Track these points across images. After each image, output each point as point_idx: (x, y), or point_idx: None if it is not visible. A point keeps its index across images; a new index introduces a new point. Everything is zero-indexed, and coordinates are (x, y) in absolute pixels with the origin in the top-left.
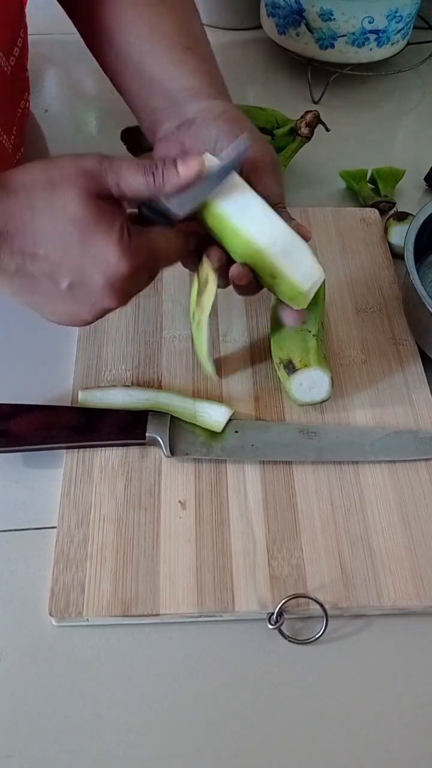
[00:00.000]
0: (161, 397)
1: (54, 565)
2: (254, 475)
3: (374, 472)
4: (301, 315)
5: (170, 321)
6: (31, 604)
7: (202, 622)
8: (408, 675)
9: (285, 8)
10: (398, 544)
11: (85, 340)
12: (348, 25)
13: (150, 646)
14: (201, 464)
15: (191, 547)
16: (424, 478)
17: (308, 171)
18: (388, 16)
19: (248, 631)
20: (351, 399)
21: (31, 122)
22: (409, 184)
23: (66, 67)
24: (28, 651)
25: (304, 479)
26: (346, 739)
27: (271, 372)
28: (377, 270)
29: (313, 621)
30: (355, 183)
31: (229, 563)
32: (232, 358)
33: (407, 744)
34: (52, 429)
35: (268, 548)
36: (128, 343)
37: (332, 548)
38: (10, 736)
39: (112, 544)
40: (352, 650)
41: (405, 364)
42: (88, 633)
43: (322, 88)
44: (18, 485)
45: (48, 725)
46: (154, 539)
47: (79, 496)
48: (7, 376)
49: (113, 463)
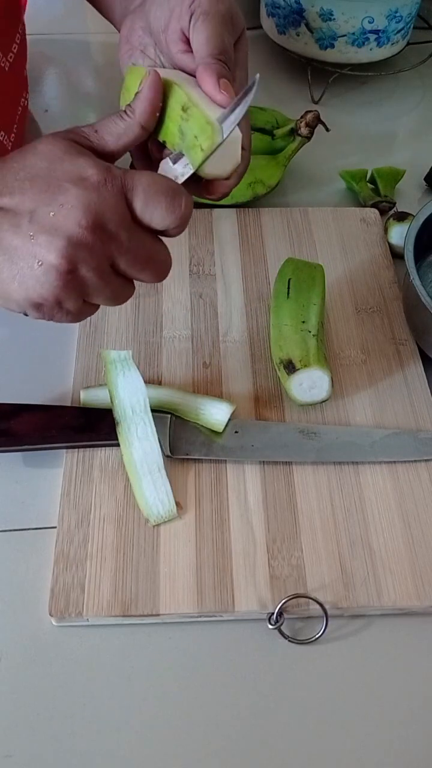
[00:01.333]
0: (162, 394)
1: (54, 565)
2: (254, 474)
3: (374, 472)
4: (225, 186)
5: (170, 321)
6: (31, 604)
7: (202, 622)
8: (408, 675)
9: (285, 8)
10: (398, 544)
11: (85, 340)
12: (348, 25)
13: (150, 646)
14: (201, 464)
15: (191, 547)
16: (424, 478)
17: (308, 171)
18: (388, 16)
19: (248, 631)
20: (351, 399)
21: (31, 122)
22: (409, 184)
23: (66, 67)
24: (28, 651)
25: (304, 479)
26: (346, 739)
27: (271, 372)
28: (377, 270)
29: (313, 621)
30: (355, 183)
31: (229, 563)
32: (232, 358)
33: (407, 744)
34: (52, 429)
35: (268, 548)
36: (128, 343)
37: (332, 548)
38: (9, 736)
39: (112, 544)
40: (352, 650)
41: (405, 364)
42: (88, 633)
43: (322, 88)
44: (18, 485)
45: (47, 725)
46: (154, 539)
47: (79, 496)
48: (7, 375)
49: (113, 463)
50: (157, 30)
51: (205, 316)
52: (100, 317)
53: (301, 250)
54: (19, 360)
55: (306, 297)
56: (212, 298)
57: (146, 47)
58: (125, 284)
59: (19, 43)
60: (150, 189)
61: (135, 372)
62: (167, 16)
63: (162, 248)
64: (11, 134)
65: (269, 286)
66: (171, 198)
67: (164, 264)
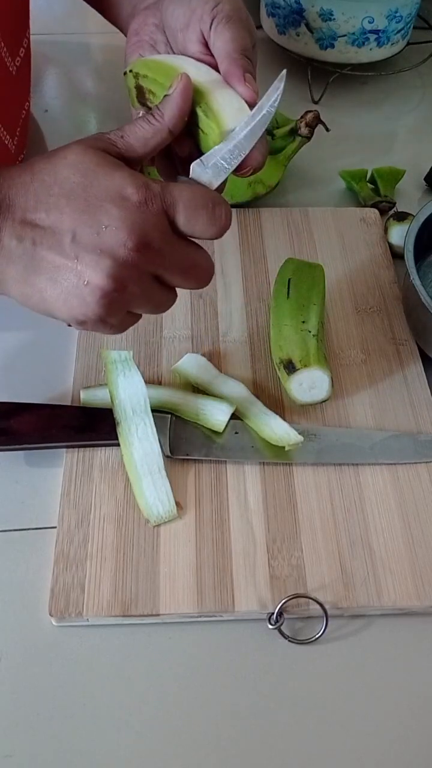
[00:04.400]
0: (162, 394)
1: (54, 565)
2: (254, 474)
3: (374, 472)
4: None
5: (170, 321)
6: (31, 604)
7: (202, 622)
8: (408, 675)
9: (285, 8)
10: (398, 544)
11: (85, 340)
12: (348, 25)
13: (150, 646)
14: (201, 464)
15: (191, 547)
16: (425, 478)
17: (308, 171)
18: (388, 16)
19: (248, 631)
20: (351, 399)
21: (31, 122)
22: (409, 184)
23: (66, 67)
24: (28, 651)
25: (304, 479)
26: (346, 739)
27: (271, 372)
28: (377, 270)
29: (313, 621)
30: (355, 183)
31: (229, 563)
32: (232, 358)
33: (407, 744)
34: (52, 428)
35: (268, 548)
36: (128, 343)
37: (332, 548)
38: (9, 735)
39: (112, 544)
40: (352, 650)
41: (405, 364)
42: (88, 633)
43: (322, 88)
44: (18, 485)
45: (48, 725)
46: (154, 539)
47: (79, 496)
48: (8, 375)
49: (113, 463)
50: (174, 28)
51: (205, 316)
52: None
53: (301, 250)
54: (19, 359)
55: (306, 297)
56: (212, 298)
57: (157, 43)
58: (169, 294)
59: (26, 47)
60: (190, 204)
61: (135, 372)
62: (187, 16)
63: (204, 255)
64: (14, 137)
65: (269, 286)
66: (212, 210)
67: (207, 270)
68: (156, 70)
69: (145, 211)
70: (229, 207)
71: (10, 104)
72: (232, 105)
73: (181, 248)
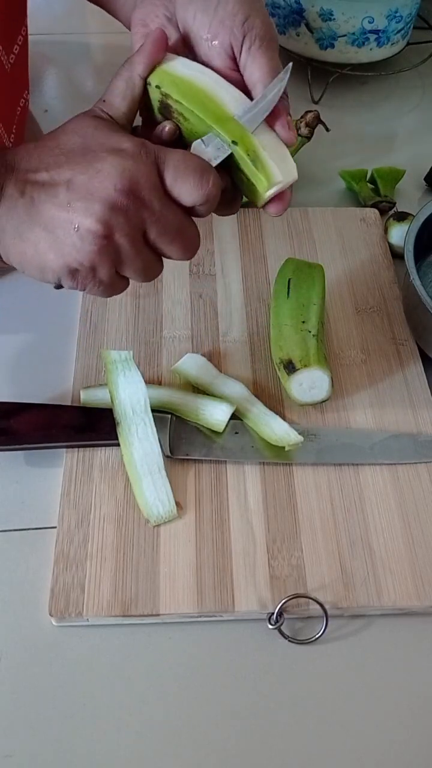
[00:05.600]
0: (162, 394)
1: (54, 565)
2: (254, 474)
3: (374, 472)
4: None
5: (170, 321)
6: (31, 604)
7: (202, 622)
8: (408, 675)
9: (285, 8)
10: (398, 544)
11: (85, 339)
12: (348, 25)
13: (150, 646)
14: (201, 464)
15: (191, 547)
16: (425, 478)
17: (308, 171)
18: (388, 16)
19: (248, 631)
20: (351, 399)
21: (31, 122)
22: (409, 184)
23: (66, 67)
24: (28, 651)
25: (304, 479)
26: (346, 739)
27: (271, 372)
28: (377, 270)
29: (313, 621)
30: (355, 183)
31: (229, 563)
32: (232, 358)
33: (407, 744)
34: (52, 428)
35: (268, 548)
36: (128, 343)
37: (332, 548)
38: (9, 735)
39: (112, 544)
40: (352, 650)
41: (405, 364)
42: (88, 633)
43: (322, 88)
44: (18, 485)
45: (48, 725)
46: (154, 539)
47: (79, 496)
48: (8, 375)
49: (113, 463)
50: (198, 35)
51: (205, 316)
52: (100, 317)
53: (301, 250)
54: (20, 360)
55: (306, 297)
56: (212, 298)
57: (169, 38)
58: (155, 259)
59: (21, 44)
60: (180, 164)
61: (135, 372)
62: (215, 27)
63: (191, 224)
64: (11, 134)
65: (269, 286)
66: (200, 175)
67: (192, 240)
68: (190, 98)
69: (138, 161)
70: (217, 177)
71: (5, 99)
72: (277, 153)
73: (170, 207)
